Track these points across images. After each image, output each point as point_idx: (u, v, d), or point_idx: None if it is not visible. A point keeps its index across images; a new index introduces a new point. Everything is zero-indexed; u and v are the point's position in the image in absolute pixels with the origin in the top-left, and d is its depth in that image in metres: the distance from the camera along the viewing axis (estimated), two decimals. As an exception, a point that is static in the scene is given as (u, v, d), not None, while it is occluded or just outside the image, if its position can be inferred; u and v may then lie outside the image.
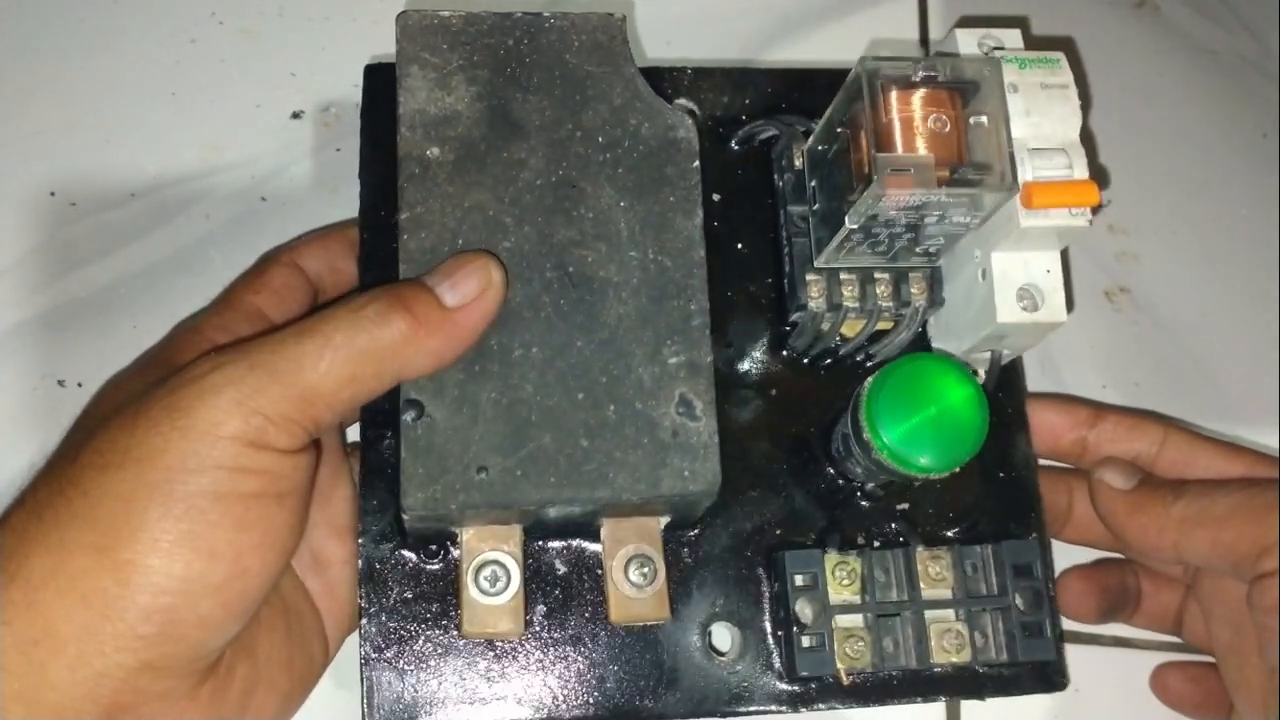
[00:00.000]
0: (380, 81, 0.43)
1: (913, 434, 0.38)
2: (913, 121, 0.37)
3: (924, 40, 0.57)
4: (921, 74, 0.37)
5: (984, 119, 0.37)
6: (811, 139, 0.42)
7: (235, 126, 0.51)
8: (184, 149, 0.51)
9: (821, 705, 0.41)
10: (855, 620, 0.41)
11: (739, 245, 0.44)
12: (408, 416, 0.37)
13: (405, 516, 0.37)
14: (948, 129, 0.37)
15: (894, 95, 0.37)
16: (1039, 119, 0.38)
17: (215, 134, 0.51)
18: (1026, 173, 0.38)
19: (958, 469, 0.39)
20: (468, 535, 0.39)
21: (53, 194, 0.49)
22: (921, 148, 0.36)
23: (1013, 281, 0.40)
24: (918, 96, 0.37)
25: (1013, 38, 0.41)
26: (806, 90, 0.46)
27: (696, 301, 0.39)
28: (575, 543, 0.41)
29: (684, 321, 0.39)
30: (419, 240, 0.38)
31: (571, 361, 0.38)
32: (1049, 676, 0.42)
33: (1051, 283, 0.40)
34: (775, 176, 0.44)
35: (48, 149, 0.50)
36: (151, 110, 0.51)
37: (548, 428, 0.37)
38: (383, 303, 0.35)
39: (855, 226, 0.38)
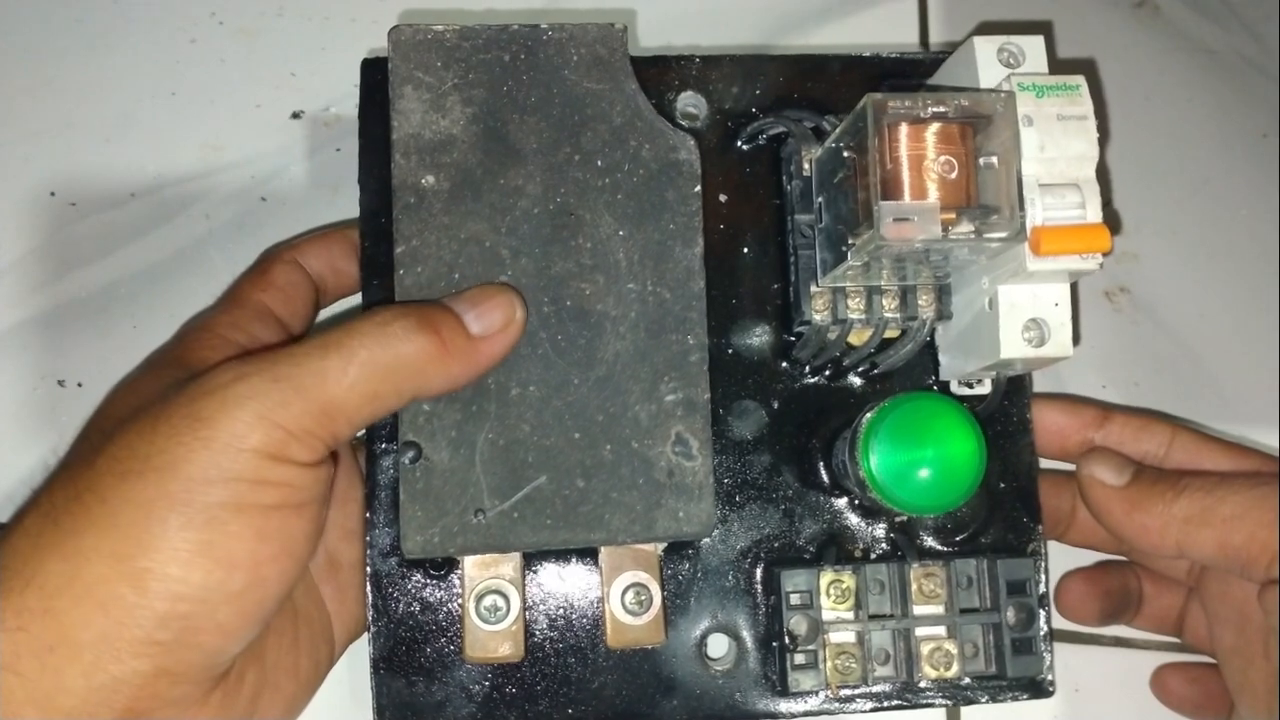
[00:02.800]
0: (378, 77, 0.42)
1: (904, 470, 0.38)
2: (921, 161, 0.35)
3: (924, 41, 0.56)
4: (932, 110, 0.35)
5: (994, 160, 0.36)
6: (819, 154, 0.41)
7: (235, 126, 0.51)
8: (184, 149, 0.50)
9: (813, 714, 0.41)
10: (847, 636, 0.41)
11: (744, 249, 0.43)
12: (406, 459, 0.37)
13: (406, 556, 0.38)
14: (955, 173, 0.35)
15: (902, 132, 0.35)
16: (1054, 154, 0.37)
17: (215, 134, 0.51)
18: (1036, 212, 0.36)
19: (940, 513, 0.39)
20: (468, 563, 0.39)
21: (53, 194, 0.49)
22: (929, 189, 0.35)
23: (1019, 314, 0.39)
24: (928, 133, 0.35)
25: (1034, 48, 0.39)
26: (819, 79, 0.45)
27: (695, 335, 0.39)
28: (574, 565, 0.41)
29: (682, 357, 0.39)
30: (415, 276, 0.38)
31: (568, 400, 0.38)
32: (1038, 685, 0.42)
33: (1059, 316, 0.39)
34: (784, 179, 0.43)
35: (48, 149, 0.50)
36: (151, 110, 0.51)
37: (544, 468, 0.38)
38: (410, 320, 0.35)
39: (858, 263, 0.37)
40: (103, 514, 0.33)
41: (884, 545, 0.43)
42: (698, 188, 0.40)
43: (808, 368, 0.43)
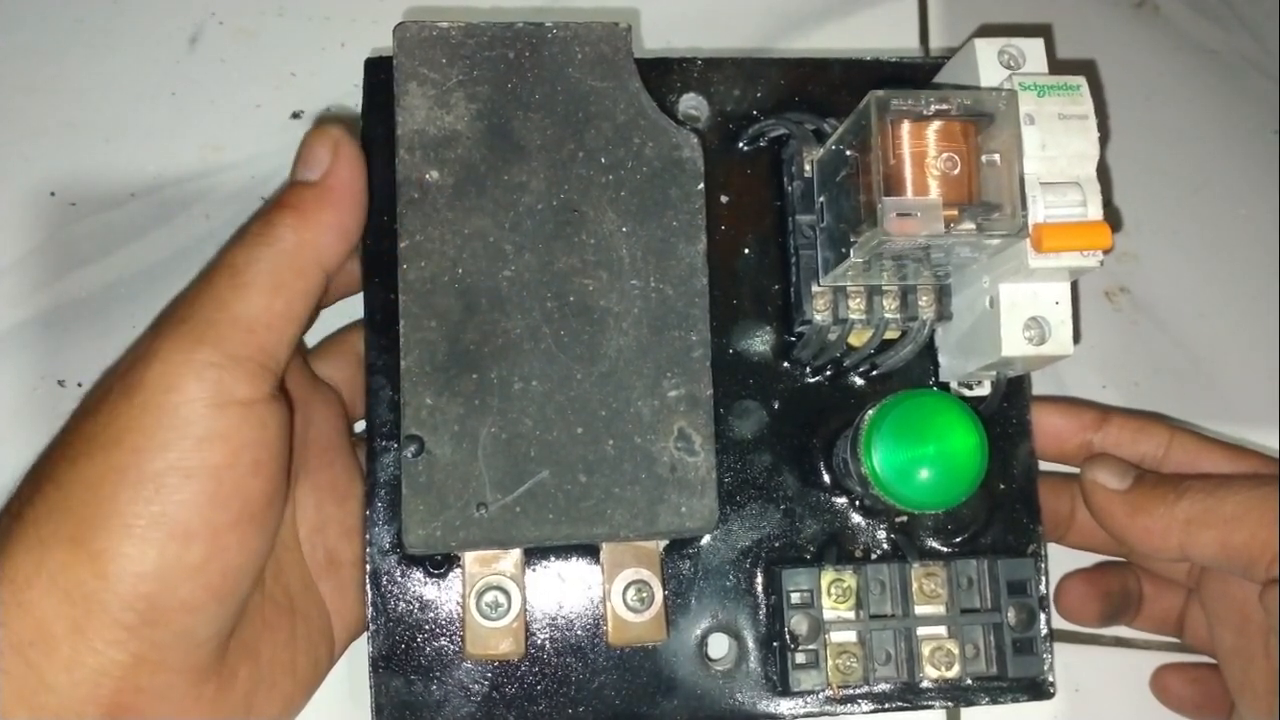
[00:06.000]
0: (381, 76, 0.42)
1: (906, 467, 0.38)
2: (923, 158, 0.35)
3: (924, 39, 0.56)
4: (934, 107, 0.35)
5: (996, 158, 0.36)
6: (820, 154, 0.41)
7: (235, 126, 0.51)
8: (184, 149, 0.50)
9: (814, 714, 0.41)
10: (848, 636, 0.41)
11: (745, 250, 0.43)
12: (408, 452, 0.37)
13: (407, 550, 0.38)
14: (957, 170, 0.35)
15: (905, 129, 0.35)
16: (1055, 153, 0.37)
17: (215, 134, 0.51)
18: (1038, 209, 0.37)
19: (943, 510, 0.39)
20: (469, 559, 0.39)
21: (53, 194, 0.49)
22: (931, 186, 0.35)
23: (1020, 313, 0.39)
24: (930, 130, 0.36)
25: (1034, 50, 0.39)
26: (820, 82, 0.45)
27: (698, 332, 0.39)
28: (575, 562, 0.41)
29: (684, 353, 0.39)
30: (419, 270, 0.38)
31: (571, 395, 0.38)
32: (1039, 686, 0.42)
33: (1060, 315, 0.39)
34: (785, 180, 0.43)
35: (48, 149, 0.50)
36: (151, 110, 0.51)
37: (547, 463, 0.38)
38: (265, 215, 0.37)
39: (860, 260, 0.37)
40: (58, 499, 0.33)
41: (885, 545, 0.43)
42: (700, 185, 0.40)
43: (808, 368, 0.43)
